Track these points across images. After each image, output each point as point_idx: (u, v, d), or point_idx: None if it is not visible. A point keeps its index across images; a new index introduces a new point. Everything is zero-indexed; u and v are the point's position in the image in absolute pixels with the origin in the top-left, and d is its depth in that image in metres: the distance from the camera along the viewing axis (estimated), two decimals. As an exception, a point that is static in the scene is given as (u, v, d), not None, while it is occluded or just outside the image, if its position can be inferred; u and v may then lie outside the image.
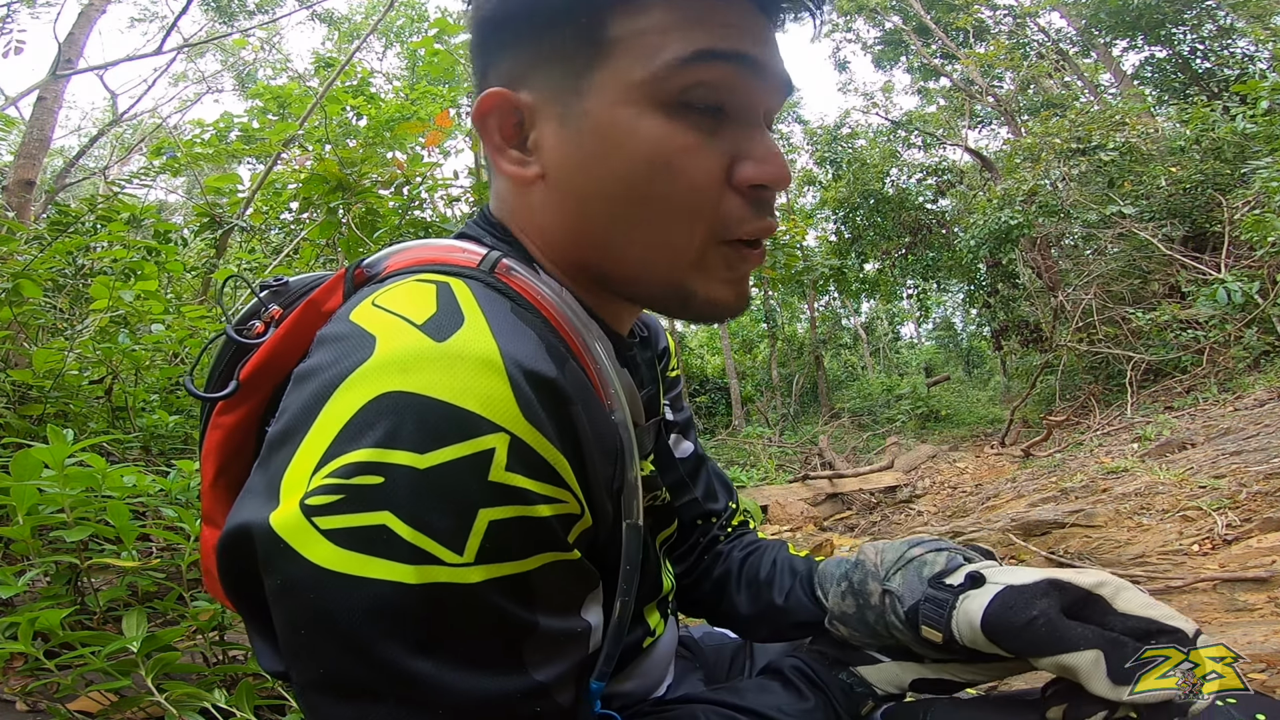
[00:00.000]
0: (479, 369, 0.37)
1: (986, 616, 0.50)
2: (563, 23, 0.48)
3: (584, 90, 0.48)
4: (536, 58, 0.49)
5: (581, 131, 0.48)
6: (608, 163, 0.48)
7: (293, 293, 0.56)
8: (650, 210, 0.48)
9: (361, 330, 0.40)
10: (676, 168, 0.47)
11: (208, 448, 0.53)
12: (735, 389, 12.44)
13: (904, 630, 0.56)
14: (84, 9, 4.58)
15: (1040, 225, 7.69)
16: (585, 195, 0.49)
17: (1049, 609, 0.49)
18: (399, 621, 0.34)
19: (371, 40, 14.19)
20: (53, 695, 0.95)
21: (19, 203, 3.71)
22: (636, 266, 0.51)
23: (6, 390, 1.69)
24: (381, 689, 0.35)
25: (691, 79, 0.46)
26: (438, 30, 3.97)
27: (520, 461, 0.36)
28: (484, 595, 0.36)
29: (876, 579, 0.59)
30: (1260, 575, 1.66)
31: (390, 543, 0.34)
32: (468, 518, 0.35)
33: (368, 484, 0.34)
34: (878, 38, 15.74)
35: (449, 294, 0.42)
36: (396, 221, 2.88)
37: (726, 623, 0.78)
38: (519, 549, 0.37)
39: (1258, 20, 9.51)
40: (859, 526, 3.87)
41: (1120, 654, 0.46)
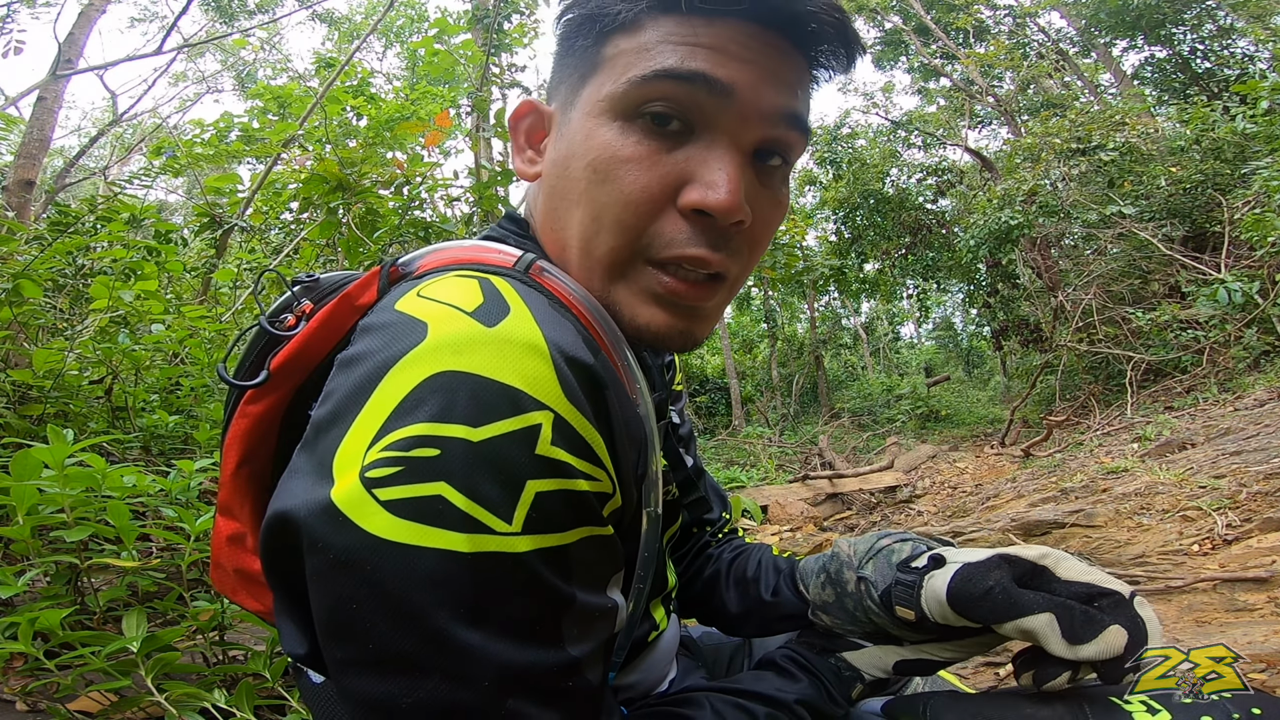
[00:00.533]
0: (526, 352, 0.39)
1: (950, 591, 0.54)
2: (580, 42, 0.52)
3: (575, 102, 0.52)
4: (563, 72, 0.55)
5: (563, 138, 0.53)
6: (569, 167, 0.51)
7: (324, 289, 0.58)
8: (584, 212, 0.51)
9: (410, 318, 0.42)
10: (613, 176, 0.49)
11: (232, 436, 0.54)
12: (735, 389, 12.44)
13: (880, 613, 0.60)
14: (84, 9, 4.58)
15: (1040, 225, 7.68)
16: (553, 195, 0.54)
17: (1003, 579, 0.53)
18: (452, 590, 0.35)
19: (371, 40, 14.19)
20: (53, 695, 0.95)
21: (19, 203, 3.71)
22: (577, 269, 0.53)
23: (6, 390, 1.69)
24: (427, 662, 0.36)
25: (649, 93, 0.48)
26: (438, 30, 3.98)
27: (563, 438, 0.39)
28: (530, 565, 0.37)
29: (851, 568, 0.63)
30: (1260, 575, 1.66)
31: (445, 513, 0.36)
32: (517, 488, 0.37)
33: (425, 456, 0.36)
34: (878, 38, 15.74)
35: (492, 288, 0.44)
36: (396, 221, 2.88)
37: (717, 620, 0.80)
38: (561, 521, 0.38)
39: (1258, 20, 9.51)
40: (859, 526, 3.87)
41: (1069, 616, 0.50)
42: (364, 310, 0.51)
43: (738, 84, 0.48)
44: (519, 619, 0.37)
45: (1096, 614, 0.50)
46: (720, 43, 0.48)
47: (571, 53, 0.54)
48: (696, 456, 0.84)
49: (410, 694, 0.36)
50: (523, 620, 0.37)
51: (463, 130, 5.21)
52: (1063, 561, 0.54)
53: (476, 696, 0.36)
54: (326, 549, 0.36)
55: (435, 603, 0.35)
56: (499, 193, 3.21)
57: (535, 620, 0.38)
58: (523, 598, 0.37)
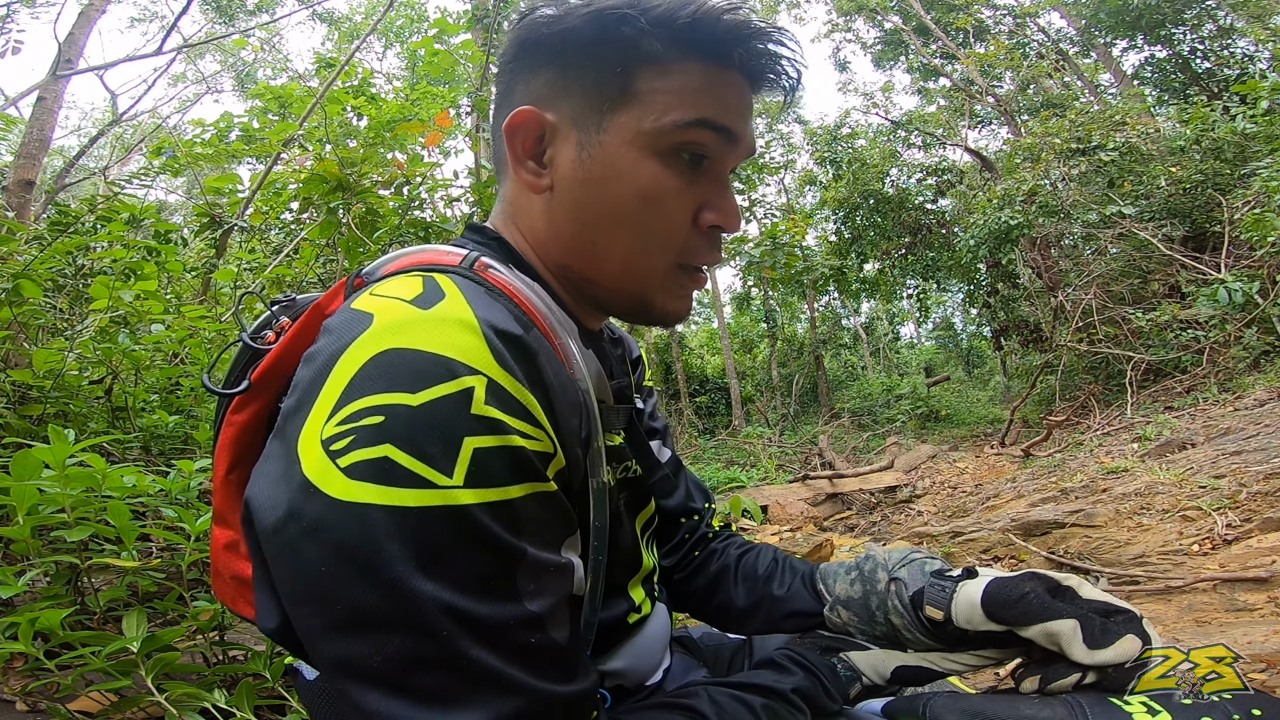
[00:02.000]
0: (457, 326, 0.44)
1: (986, 595, 0.60)
2: (600, 65, 0.56)
3: (605, 125, 0.57)
4: (568, 87, 0.58)
5: (593, 159, 0.57)
6: (609, 189, 0.57)
7: (300, 307, 0.64)
8: (635, 234, 0.58)
9: (361, 312, 0.47)
10: (660, 204, 0.57)
11: (221, 444, 0.59)
12: (735, 389, 12.44)
13: (904, 612, 0.65)
14: (84, 9, 4.58)
15: (1040, 225, 7.68)
16: (585, 211, 0.59)
17: (1038, 588, 0.60)
18: (406, 543, 0.39)
19: (371, 40, 14.19)
20: (53, 695, 0.95)
21: (19, 203, 3.71)
22: (613, 278, 0.61)
23: (6, 390, 1.69)
24: (391, 617, 0.38)
25: (687, 138, 0.56)
26: (438, 30, 3.97)
27: (496, 398, 0.43)
28: (474, 517, 0.40)
29: (885, 569, 0.69)
30: (1260, 575, 1.66)
31: (392, 471, 0.39)
32: (455, 445, 0.41)
33: (371, 423, 0.40)
34: (878, 38, 15.74)
35: (433, 280, 0.50)
36: (396, 221, 2.88)
37: (719, 616, 0.83)
38: (502, 475, 0.42)
39: (1258, 20, 9.51)
40: (859, 526, 3.87)
41: (1091, 625, 0.56)
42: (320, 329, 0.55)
43: (742, 135, 0.59)
44: (472, 571, 0.40)
45: (1113, 625, 0.56)
46: (731, 95, 0.58)
47: (586, 71, 0.57)
48: (674, 449, 0.87)
49: (379, 651, 0.38)
50: (476, 573, 0.40)
51: (463, 130, 5.21)
52: (1083, 585, 0.60)
53: (439, 648, 0.39)
54: (299, 518, 0.40)
55: (391, 556, 0.38)
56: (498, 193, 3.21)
57: (488, 573, 0.41)
58: (472, 550, 0.40)
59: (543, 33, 0.58)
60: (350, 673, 0.39)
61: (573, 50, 0.57)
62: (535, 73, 0.59)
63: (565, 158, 0.58)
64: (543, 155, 0.59)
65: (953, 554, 2.40)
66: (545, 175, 0.59)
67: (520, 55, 0.60)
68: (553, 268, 0.63)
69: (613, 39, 0.55)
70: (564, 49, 0.58)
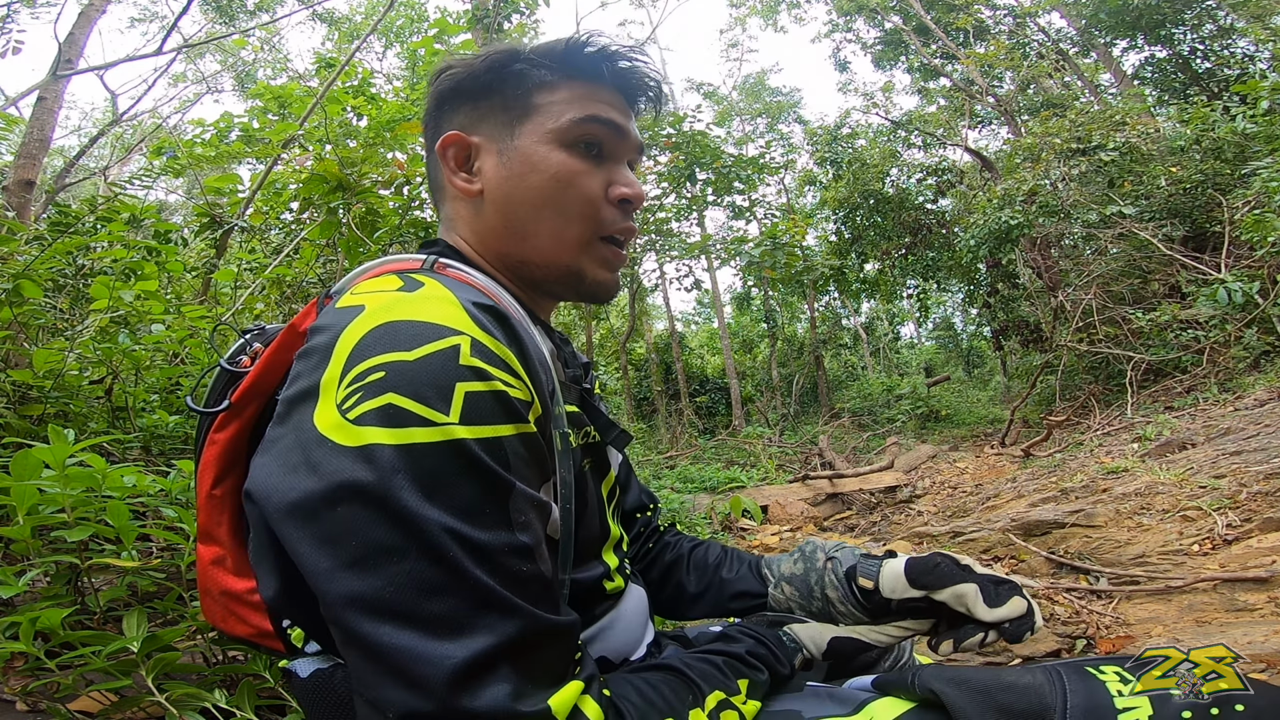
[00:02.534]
0: (441, 301, 0.53)
1: (908, 565, 0.74)
2: (505, 94, 0.71)
3: (517, 134, 0.70)
4: (482, 116, 0.72)
5: (512, 159, 0.69)
6: (529, 179, 0.69)
7: (270, 334, 0.71)
8: (557, 211, 0.69)
9: (349, 306, 0.54)
10: (572, 183, 0.69)
11: (205, 462, 0.64)
12: (735, 389, 12.44)
13: (839, 585, 0.77)
14: (84, 9, 4.58)
15: (1040, 225, 7.68)
16: (512, 201, 0.70)
17: (948, 561, 0.73)
18: (409, 474, 0.44)
19: (371, 40, 14.19)
20: (53, 695, 0.95)
21: (19, 203, 3.71)
22: (546, 253, 0.70)
23: (6, 390, 1.69)
24: (403, 544, 0.43)
25: (584, 131, 0.69)
26: (438, 30, 3.98)
27: (480, 352, 0.49)
28: (470, 449, 0.46)
29: (824, 551, 0.81)
30: (1260, 575, 1.66)
31: (397, 414, 0.46)
32: (449, 389, 0.47)
33: (374, 379, 0.47)
34: (878, 38, 15.73)
35: (409, 275, 0.60)
36: (396, 221, 2.87)
37: (672, 603, 0.91)
38: (492, 415, 0.48)
39: (1258, 20, 9.51)
40: (859, 526, 3.86)
41: (987, 588, 0.69)
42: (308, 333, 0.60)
43: (624, 128, 0.72)
44: (471, 499, 0.46)
45: (1004, 589, 0.69)
46: (609, 102, 0.71)
47: (493, 98, 0.71)
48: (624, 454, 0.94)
49: (391, 582, 0.43)
50: (474, 500, 0.46)
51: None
52: (975, 564, 0.73)
53: (446, 571, 0.43)
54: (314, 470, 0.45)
55: (399, 487, 0.44)
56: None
57: (485, 501, 0.46)
58: (470, 479, 0.46)
59: (454, 82, 0.72)
60: (363, 608, 0.43)
61: (480, 89, 0.71)
62: (454, 112, 0.73)
63: (490, 165, 0.70)
64: (471, 168, 0.72)
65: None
66: (476, 181, 0.71)
67: (440, 104, 0.74)
68: (493, 260, 0.72)
69: (511, 74, 0.70)
70: (473, 89, 0.72)
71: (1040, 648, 1.57)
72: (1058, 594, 1.88)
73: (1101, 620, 1.69)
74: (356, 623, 0.43)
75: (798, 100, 19.31)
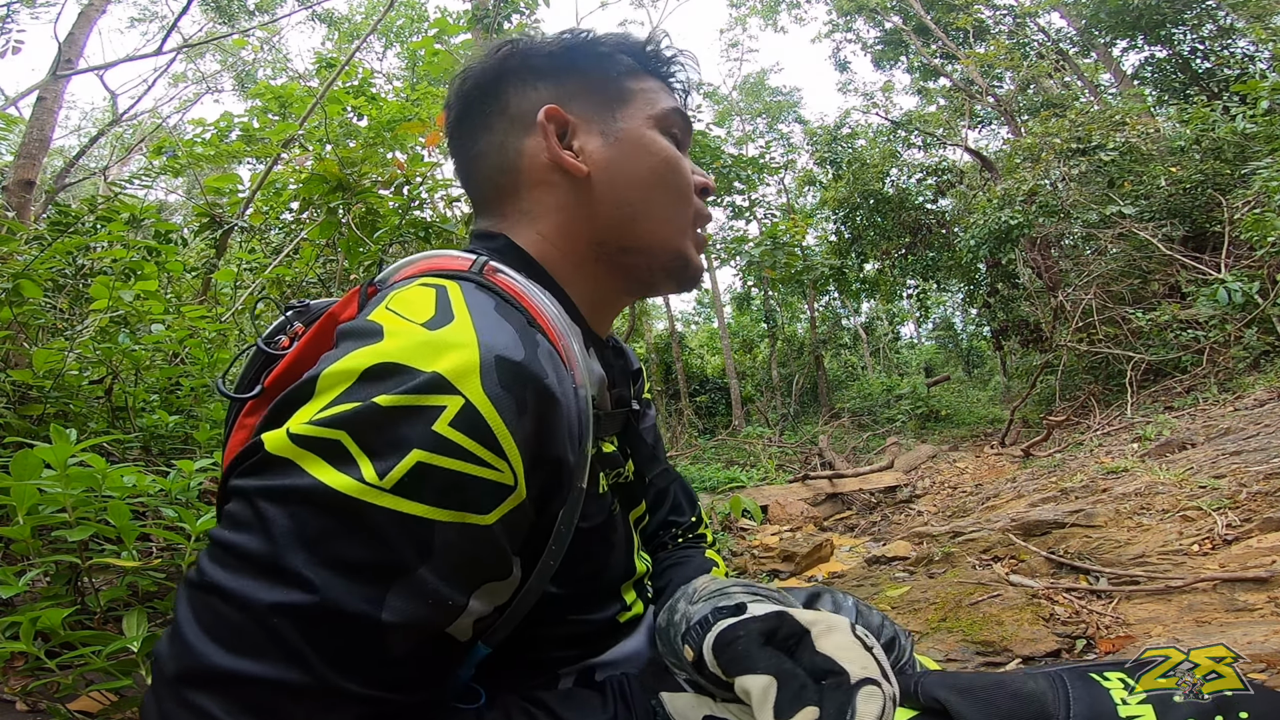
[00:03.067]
0: (455, 349, 0.46)
1: (715, 637, 0.54)
2: (595, 74, 0.69)
3: (618, 116, 0.68)
4: (570, 93, 0.68)
5: (620, 140, 0.67)
6: (641, 159, 0.67)
7: (314, 312, 0.67)
8: (666, 194, 0.68)
9: (374, 324, 0.50)
10: (678, 167, 0.69)
11: (231, 447, 0.62)
12: (735, 389, 12.44)
13: (679, 649, 0.58)
14: (84, 9, 4.58)
15: (1040, 225, 7.67)
16: (622, 185, 0.67)
17: (751, 633, 0.51)
18: (304, 511, 0.41)
19: (371, 40, 14.18)
20: (53, 695, 0.95)
21: (19, 203, 3.71)
22: (657, 236, 0.68)
23: (6, 390, 1.69)
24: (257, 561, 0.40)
25: (673, 120, 0.70)
26: (438, 30, 3.97)
27: (466, 423, 0.44)
28: (383, 519, 0.41)
29: (688, 600, 0.64)
30: (1260, 575, 1.66)
31: (335, 453, 0.42)
32: (401, 450, 0.42)
33: (341, 409, 0.43)
34: (878, 38, 15.74)
35: (445, 297, 0.52)
36: (396, 221, 2.87)
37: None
38: (434, 496, 0.43)
39: (1258, 20, 9.50)
40: (859, 526, 3.86)
41: (790, 686, 0.46)
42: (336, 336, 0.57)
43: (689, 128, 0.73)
44: (351, 561, 0.41)
45: (811, 692, 0.46)
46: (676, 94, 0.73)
47: (577, 77, 0.68)
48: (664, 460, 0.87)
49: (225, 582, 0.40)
50: (352, 563, 0.41)
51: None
52: (830, 632, 0.50)
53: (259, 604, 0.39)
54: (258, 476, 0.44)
55: (287, 516, 0.41)
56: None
57: (364, 569, 0.41)
58: (362, 545, 0.41)
59: (525, 58, 0.68)
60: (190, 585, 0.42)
61: (561, 67, 0.68)
62: (529, 88, 0.68)
63: (594, 145, 0.67)
64: (570, 147, 0.67)
65: (953, 554, 2.40)
66: (582, 163, 0.66)
67: (502, 79, 0.69)
68: (583, 252, 0.67)
69: (598, 55, 0.69)
70: (552, 67, 0.68)
71: (1040, 647, 1.57)
72: (1058, 594, 1.88)
73: (1101, 620, 1.69)
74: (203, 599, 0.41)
75: (798, 100, 19.32)
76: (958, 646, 1.63)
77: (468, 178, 0.73)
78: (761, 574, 2.63)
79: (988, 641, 1.62)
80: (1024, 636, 1.61)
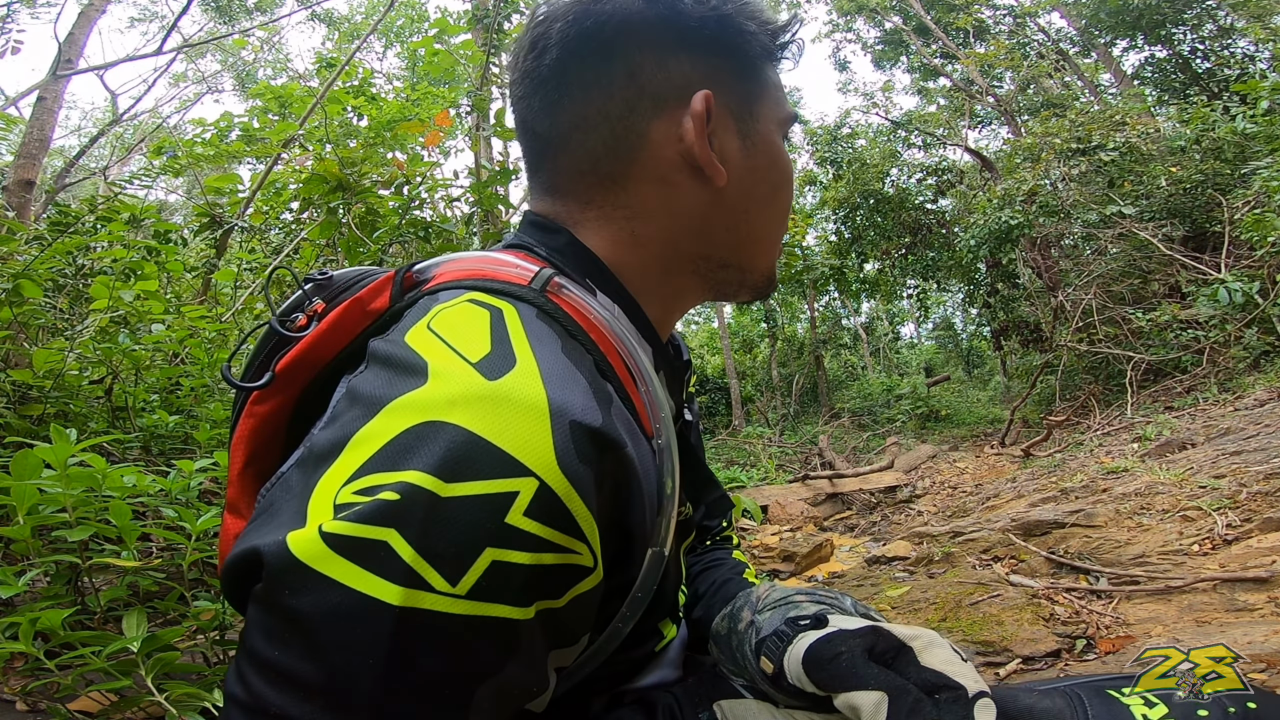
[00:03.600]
0: (524, 413, 0.37)
1: (808, 651, 0.52)
2: (734, 57, 0.56)
3: (755, 114, 0.58)
4: (717, 75, 0.55)
5: (756, 146, 0.58)
6: (771, 174, 0.59)
7: (336, 287, 0.57)
8: (781, 216, 0.62)
9: (415, 355, 0.41)
10: (792, 182, 0.62)
11: (239, 435, 0.54)
12: (735, 389, 12.44)
13: (750, 659, 0.58)
14: (84, 9, 4.58)
15: (1040, 225, 7.68)
16: (750, 198, 0.58)
17: (854, 648, 0.50)
18: (365, 633, 0.33)
19: (372, 40, 14.18)
20: (53, 695, 0.95)
21: (19, 203, 3.71)
22: (760, 257, 0.61)
23: (6, 390, 1.69)
24: (317, 689, 0.34)
25: (789, 125, 0.62)
26: (438, 30, 3.97)
27: (543, 509, 0.36)
28: (462, 629, 0.35)
29: (752, 609, 0.62)
30: (1260, 575, 1.66)
31: (386, 560, 0.34)
32: (474, 552, 0.35)
33: (386, 500, 0.35)
34: (878, 38, 15.74)
35: (501, 326, 0.43)
36: (397, 221, 2.87)
37: None
38: (515, 594, 0.37)
39: (1258, 20, 9.50)
40: (859, 526, 3.86)
41: (902, 701, 0.46)
42: (375, 315, 0.51)
43: None
44: (430, 679, 0.35)
45: (929, 707, 0.45)
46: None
47: (722, 55, 0.56)
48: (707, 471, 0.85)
49: (287, 707, 0.34)
50: (432, 678, 0.35)
51: (463, 130, 5.21)
52: (933, 647, 0.50)
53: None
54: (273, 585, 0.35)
55: (345, 642, 0.33)
56: (498, 192, 3.21)
57: (446, 683, 0.35)
58: (441, 658, 0.35)
59: (682, 20, 0.53)
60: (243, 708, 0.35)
61: (707, 40, 0.54)
62: (671, 57, 0.54)
63: (731, 148, 0.56)
64: (710, 146, 0.55)
65: (953, 554, 2.40)
66: (720, 168, 0.55)
67: (638, 35, 0.53)
68: (674, 263, 0.58)
69: (743, 32, 0.55)
70: (696, 37, 0.54)
71: (1040, 648, 1.57)
72: (1058, 594, 1.88)
73: (1101, 620, 1.69)
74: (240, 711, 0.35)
75: (798, 100, 19.33)
76: (958, 647, 1.63)
77: (556, 146, 0.57)
78: (762, 574, 2.63)
79: (988, 641, 1.62)
80: (1024, 636, 1.61)
